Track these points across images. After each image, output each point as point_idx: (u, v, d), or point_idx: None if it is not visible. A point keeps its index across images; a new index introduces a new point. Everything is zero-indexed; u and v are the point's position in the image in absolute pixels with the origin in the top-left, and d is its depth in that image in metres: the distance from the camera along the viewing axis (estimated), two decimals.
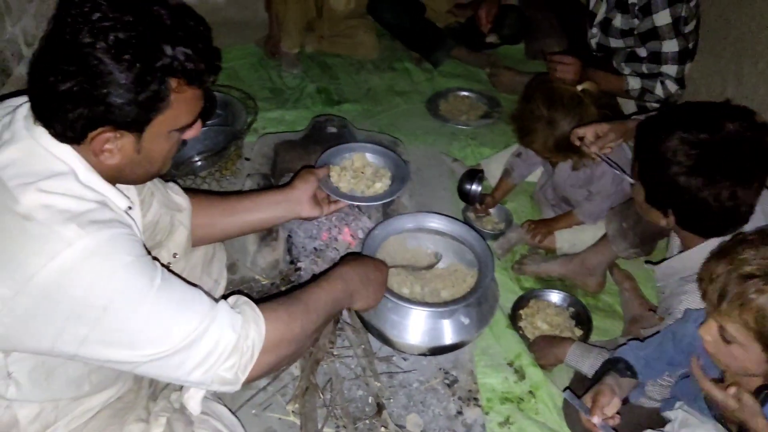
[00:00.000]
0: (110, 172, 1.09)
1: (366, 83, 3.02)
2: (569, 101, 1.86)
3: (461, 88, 2.94)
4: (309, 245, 2.07)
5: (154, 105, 1.02)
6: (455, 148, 2.58)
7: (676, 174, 1.33)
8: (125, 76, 0.96)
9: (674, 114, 1.44)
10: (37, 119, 1.03)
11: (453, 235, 1.85)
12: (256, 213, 1.55)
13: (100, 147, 1.03)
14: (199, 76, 1.04)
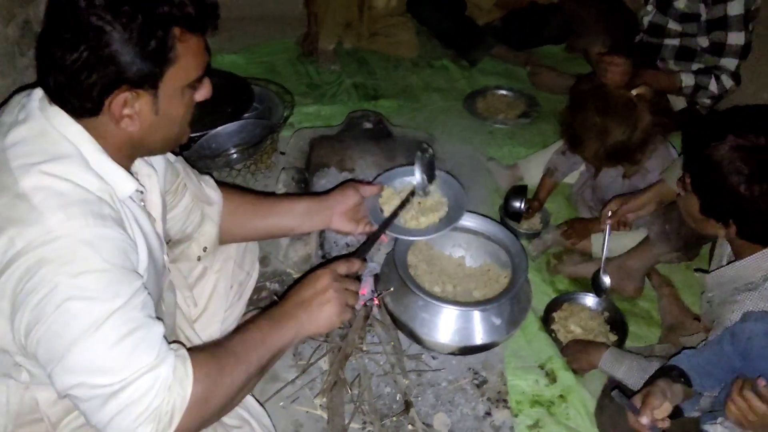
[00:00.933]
0: (130, 144, 1.08)
1: (403, 80, 3.01)
2: (623, 108, 1.81)
3: (499, 86, 2.90)
4: (341, 240, 2.06)
5: (164, 56, 1.00)
6: (492, 147, 2.55)
7: (737, 183, 1.26)
8: (128, 30, 0.96)
9: (721, 119, 1.38)
10: (52, 99, 1.03)
11: (486, 234, 1.83)
12: (288, 219, 1.53)
13: (119, 112, 1.02)
14: (200, 22, 1.04)
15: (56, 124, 1.03)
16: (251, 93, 2.40)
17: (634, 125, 1.80)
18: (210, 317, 1.54)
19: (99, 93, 0.99)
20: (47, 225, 0.94)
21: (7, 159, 0.99)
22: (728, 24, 2.16)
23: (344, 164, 2.29)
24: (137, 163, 1.19)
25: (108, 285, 0.97)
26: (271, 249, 2.00)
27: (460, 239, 1.90)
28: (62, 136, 1.03)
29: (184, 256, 1.49)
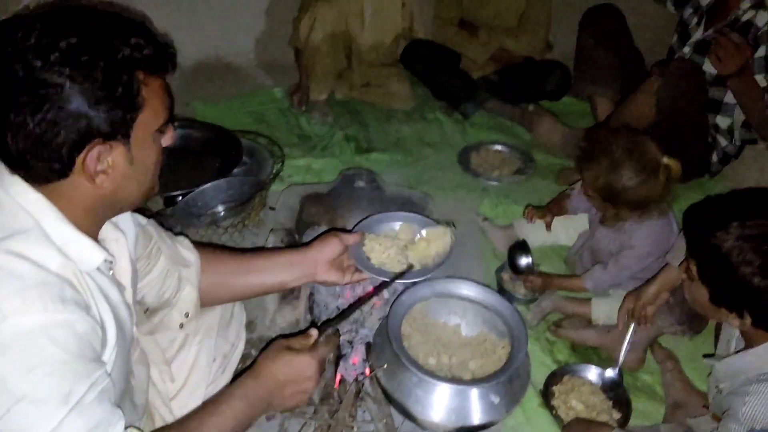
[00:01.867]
0: (102, 202, 1.03)
1: (396, 132, 2.96)
2: (648, 164, 1.76)
3: (494, 141, 2.86)
4: (332, 304, 1.98)
5: (132, 101, 0.97)
6: (486, 205, 2.49)
7: (749, 275, 1.21)
8: (92, 80, 0.91)
9: (721, 205, 1.33)
10: (12, 168, 0.96)
11: (483, 303, 1.76)
12: (270, 275, 1.47)
13: (94, 167, 0.96)
14: (161, 63, 1.01)
15: (12, 194, 0.97)
16: (240, 147, 2.34)
17: (645, 185, 1.77)
18: (189, 394, 1.44)
19: (69, 151, 0.94)
20: (2, 312, 0.87)
21: None
22: None
23: (335, 223, 2.22)
24: (105, 227, 1.12)
25: (63, 380, 0.91)
26: (258, 313, 1.92)
27: (455, 306, 1.83)
28: (19, 206, 0.96)
29: (164, 325, 1.40)
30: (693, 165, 2.27)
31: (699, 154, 2.36)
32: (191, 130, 2.45)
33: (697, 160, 2.36)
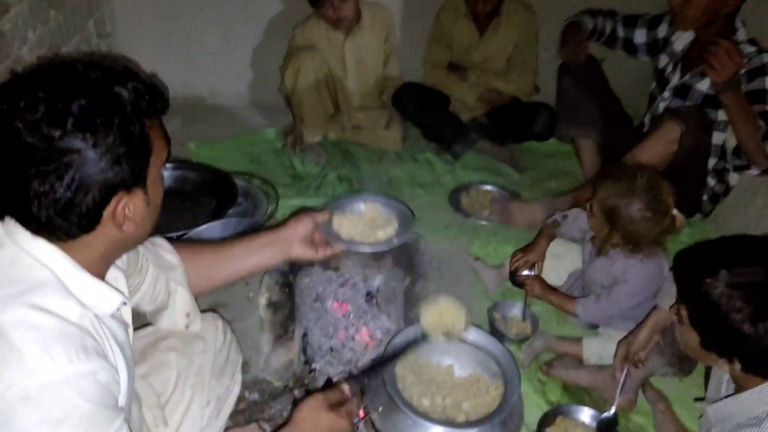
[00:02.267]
0: (120, 245, 1.07)
1: (387, 173, 3.00)
2: (659, 206, 1.80)
3: (484, 181, 2.91)
4: (325, 345, 1.99)
5: (146, 149, 1.01)
6: (477, 245, 2.52)
7: (739, 322, 1.23)
8: (109, 140, 0.94)
9: (710, 252, 1.35)
10: (37, 231, 0.98)
11: (476, 344, 1.78)
12: (249, 258, 1.51)
13: (122, 216, 1.00)
14: (159, 106, 1.04)
15: (29, 249, 0.98)
16: (235, 188, 2.37)
17: (648, 219, 1.80)
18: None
19: (96, 208, 0.97)
20: (30, 365, 0.89)
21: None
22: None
23: (328, 263, 2.23)
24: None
25: (94, 427, 0.94)
26: (252, 354, 1.92)
27: (448, 347, 1.84)
28: (36, 261, 0.98)
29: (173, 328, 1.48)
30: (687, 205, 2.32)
31: (693, 195, 2.42)
32: (186, 171, 2.48)
33: (691, 200, 2.41)
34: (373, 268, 2.22)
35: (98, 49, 2.93)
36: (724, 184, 2.40)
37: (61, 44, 2.50)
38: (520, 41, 2.95)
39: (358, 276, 2.20)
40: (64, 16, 2.52)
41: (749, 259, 1.26)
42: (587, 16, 2.68)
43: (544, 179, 2.98)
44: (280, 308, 1.94)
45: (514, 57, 3.00)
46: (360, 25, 2.91)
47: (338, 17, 2.80)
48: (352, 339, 2.01)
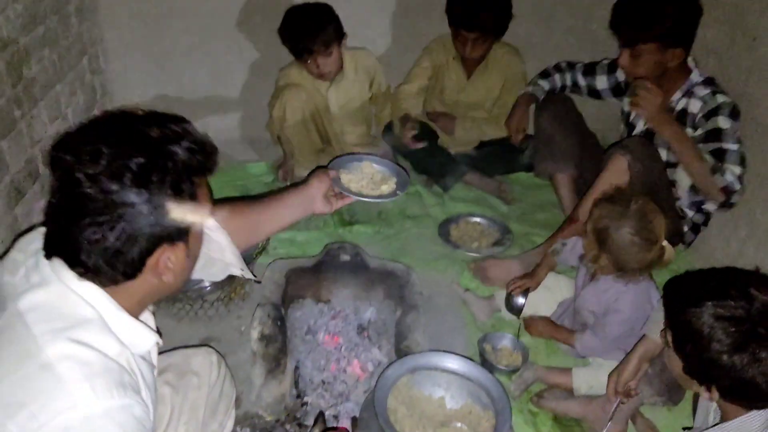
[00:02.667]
0: (157, 292, 1.12)
1: (377, 205, 3.03)
2: (649, 235, 1.83)
3: (472, 213, 2.95)
4: (317, 377, 2.00)
5: (191, 203, 1.07)
6: (466, 276, 2.55)
7: (718, 352, 1.27)
8: (161, 195, 1.00)
9: (698, 282, 1.39)
10: (84, 275, 1.03)
11: (466, 375, 1.80)
12: (283, 216, 1.63)
13: (164, 266, 1.06)
14: (210, 165, 1.10)
15: (75, 288, 1.03)
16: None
17: (639, 247, 1.83)
18: None
19: (141, 258, 1.03)
20: (73, 397, 0.94)
21: (27, 324, 0.99)
22: (722, 136, 2.19)
23: (320, 296, 2.26)
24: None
25: None
26: (244, 388, 1.93)
27: (439, 379, 1.86)
28: (81, 299, 1.03)
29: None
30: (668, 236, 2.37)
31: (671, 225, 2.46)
32: None
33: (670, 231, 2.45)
34: (364, 301, 2.25)
35: (92, 86, 2.96)
36: (703, 214, 2.45)
37: (56, 81, 2.53)
38: (508, 83, 2.99)
39: (350, 308, 2.22)
40: (58, 54, 2.56)
41: (734, 294, 1.29)
42: (543, 79, 2.81)
43: (532, 211, 3.02)
44: (272, 341, 1.95)
45: (502, 98, 3.03)
46: (343, 73, 2.94)
47: (321, 72, 2.85)
48: (344, 371, 2.03)
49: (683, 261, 2.58)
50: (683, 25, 2.22)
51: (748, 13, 2.35)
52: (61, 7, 2.59)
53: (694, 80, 2.30)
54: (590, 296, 2.03)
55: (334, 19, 2.80)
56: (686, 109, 2.30)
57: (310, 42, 2.74)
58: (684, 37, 2.25)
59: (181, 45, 3.16)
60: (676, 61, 2.27)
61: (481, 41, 2.82)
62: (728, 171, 2.18)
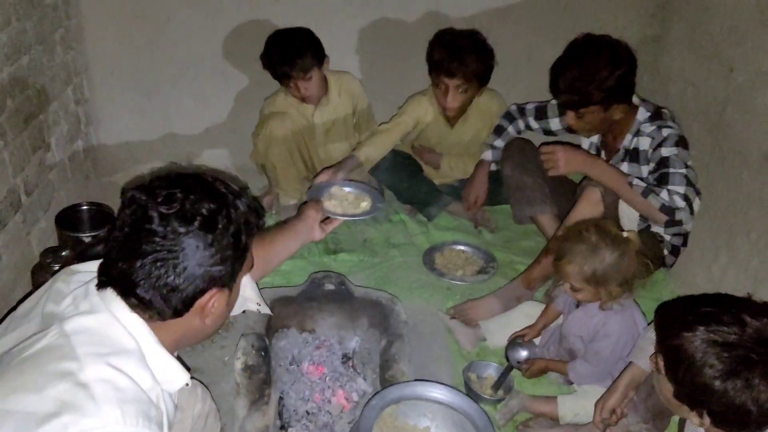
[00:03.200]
0: (193, 335, 1.19)
1: (362, 234, 3.04)
2: (617, 237, 1.86)
3: (457, 242, 2.96)
4: (301, 408, 1.99)
5: (244, 256, 1.17)
6: (451, 304, 2.55)
7: (711, 377, 1.27)
8: (226, 240, 1.09)
9: (690, 307, 1.39)
10: (134, 308, 1.10)
11: (452, 405, 1.80)
12: (289, 247, 1.80)
13: (211, 308, 1.13)
14: (261, 223, 1.22)
15: (121, 318, 1.09)
16: None
17: (621, 259, 1.85)
18: None
19: (193, 298, 1.11)
20: (104, 418, 0.98)
21: (72, 345, 1.03)
22: (668, 163, 2.25)
23: (305, 325, 2.25)
24: None
25: None
26: (227, 420, 1.90)
27: (425, 409, 1.86)
28: (125, 330, 1.09)
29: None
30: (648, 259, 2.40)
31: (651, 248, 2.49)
32: None
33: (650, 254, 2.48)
34: (349, 330, 2.24)
35: (76, 115, 2.96)
36: (681, 236, 2.49)
37: (39, 112, 2.53)
38: (491, 126, 2.97)
39: (334, 338, 2.21)
40: (42, 84, 2.56)
41: (727, 319, 1.31)
42: (498, 137, 2.86)
43: (516, 239, 3.04)
44: (256, 372, 1.94)
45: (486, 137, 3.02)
46: (328, 97, 2.96)
47: (303, 96, 2.86)
48: (329, 402, 2.02)
49: (665, 287, 2.61)
50: (621, 85, 2.28)
51: (725, 44, 2.41)
52: (46, 36, 2.60)
53: (641, 119, 2.37)
54: (577, 322, 2.04)
55: (313, 43, 2.82)
56: (638, 148, 2.37)
57: (288, 68, 2.77)
58: (624, 94, 2.32)
59: (166, 74, 3.18)
60: (620, 114, 2.35)
61: (463, 89, 2.80)
62: (665, 191, 2.23)
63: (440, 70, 2.77)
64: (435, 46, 2.80)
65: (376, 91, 3.20)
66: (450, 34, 2.81)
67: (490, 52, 2.80)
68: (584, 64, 2.26)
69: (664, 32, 3.01)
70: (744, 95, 2.27)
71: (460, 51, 2.71)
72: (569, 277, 1.91)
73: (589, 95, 2.26)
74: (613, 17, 3.14)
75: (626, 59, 2.28)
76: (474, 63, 2.74)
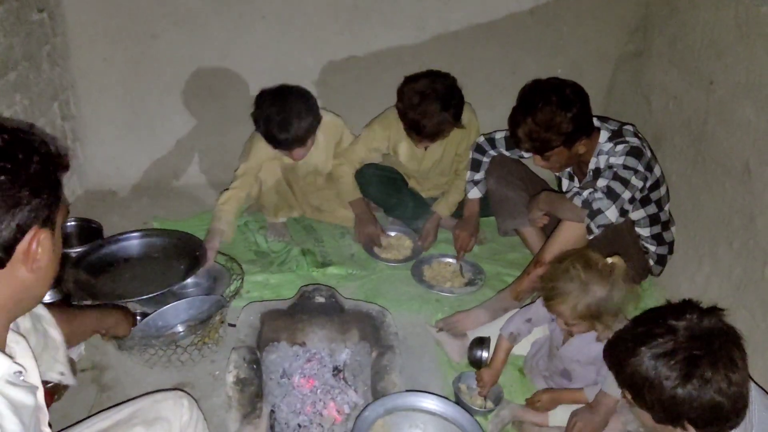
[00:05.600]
0: (20, 298, 1.04)
1: (350, 247, 3.05)
2: (603, 268, 1.87)
3: (445, 254, 2.98)
4: (293, 421, 1.98)
5: (58, 190, 1.04)
6: (440, 316, 2.56)
7: (672, 388, 1.31)
8: (32, 171, 0.97)
9: (627, 335, 1.44)
10: None
11: (443, 415, 1.80)
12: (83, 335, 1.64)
13: (36, 253, 1.00)
14: (65, 161, 1.08)
15: None
16: (203, 247, 2.40)
17: (611, 287, 1.85)
18: None
19: (10, 242, 0.97)
20: None
21: None
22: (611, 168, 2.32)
23: (295, 338, 2.25)
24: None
25: None
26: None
27: (417, 419, 1.86)
28: None
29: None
30: (635, 271, 2.43)
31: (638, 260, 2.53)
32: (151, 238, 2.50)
33: (637, 266, 2.52)
34: (339, 342, 2.24)
35: (62, 131, 2.96)
36: (666, 245, 2.53)
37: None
38: (465, 142, 2.96)
39: (325, 351, 2.21)
40: (29, 100, 2.56)
41: (658, 331, 1.36)
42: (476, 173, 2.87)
43: (503, 251, 3.06)
44: (248, 385, 1.93)
45: (462, 156, 3.02)
46: (315, 144, 2.89)
47: (295, 159, 2.84)
48: (320, 414, 2.01)
49: (650, 296, 2.65)
50: (577, 125, 2.32)
51: (704, 58, 2.47)
52: (33, 53, 2.61)
53: (602, 140, 2.42)
54: (574, 350, 2.05)
55: (311, 112, 2.72)
56: (599, 167, 2.42)
57: (285, 141, 2.69)
58: (583, 130, 2.36)
59: (153, 91, 3.18)
60: (583, 148, 2.40)
61: (432, 140, 2.79)
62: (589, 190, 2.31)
63: (411, 130, 2.74)
64: (405, 106, 2.71)
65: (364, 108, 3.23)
66: (418, 93, 2.67)
67: (458, 103, 2.73)
68: (537, 115, 2.29)
69: (645, 47, 3.07)
70: (724, 107, 2.32)
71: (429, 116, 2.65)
72: (563, 316, 1.92)
73: (549, 142, 2.32)
74: (596, 33, 3.20)
75: (576, 100, 2.31)
76: (443, 122, 2.69)
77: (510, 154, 2.81)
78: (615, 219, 2.31)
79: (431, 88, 2.66)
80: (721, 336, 1.34)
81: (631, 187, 2.30)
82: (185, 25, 3.04)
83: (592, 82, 3.19)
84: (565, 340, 2.06)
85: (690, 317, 1.36)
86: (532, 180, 2.89)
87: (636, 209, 2.44)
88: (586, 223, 2.32)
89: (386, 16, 3.12)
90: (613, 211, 2.29)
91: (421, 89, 2.66)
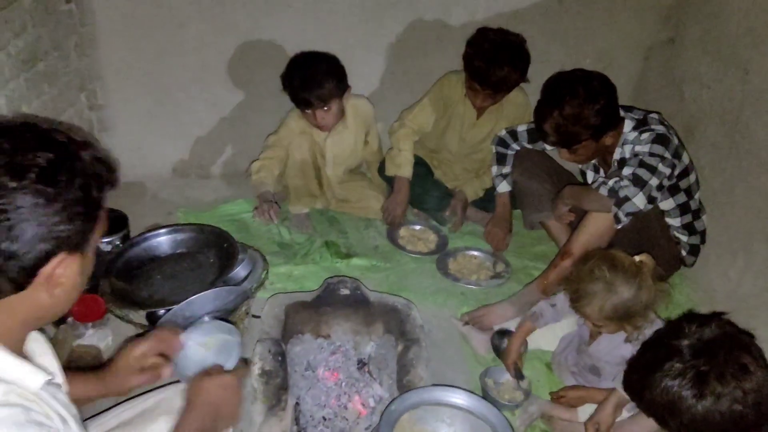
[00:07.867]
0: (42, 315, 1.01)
1: (374, 239, 3.03)
2: (630, 267, 1.83)
3: (470, 247, 2.95)
4: (317, 413, 1.97)
5: (96, 214, 0.99)
6: (466, 309, 2.53)
7: (690, 408, 1.31)
8: (71, 196, 0.93)
9: (639, 364, 1.46)
10: None
11: (470, 410, 1.78)
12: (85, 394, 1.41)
13: (59, 278, 0.96)
14: (113, 178, 1.02)
15: None
16: (232, 240, 2.38)
17: (639, 286, 1.81)
18: None
19: (34, 267, 0.93)
20: None
21: None
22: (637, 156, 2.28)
23: (320, 330, 2.24)
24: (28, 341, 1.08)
25: None
26: (244, 425, 1.88)
27: (443, 414, 1.85)
28: None
29: None
30: (666, 262, 2.38)
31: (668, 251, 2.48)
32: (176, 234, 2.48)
33: (668, 257, 2.47)
34: (364, 335, 2.23)
35: (90, 121, 2.97)
36: (698, 234, 2.48)
37: (54, 117, 2.54)
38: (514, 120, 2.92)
39: (350, 343, 2.20)
40: (58, 90, 2.57)
41: (665, 355, 1.37)
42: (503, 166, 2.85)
43: (529, 244, 3.02)
44: (273, 377, 1.93)
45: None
46: (344, 123, 2.92)
47: (318, 125, 2.83)
48: (345, 408, 2.00)
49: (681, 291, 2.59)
50: (605, 118, 2.28)
51: (740, 46, 2.40)
52: (61, 43, 2.62)
53: (627, 131, 2.36)
54: (603, 349, 2.02)
55: (336, 73, 2.75)
56: (624, 157, 2.37)
57: (307, 98, 2.71)
58: (610, 122, 2.31)
59: (178, 81, 3.18)
60: (611, 139, 2.35)
61: (492, 95, 2.79)
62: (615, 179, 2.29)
63: (474, 78, 2.74)
64: (474, 52, 2.72)
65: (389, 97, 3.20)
66: (489, 42, 2.69)
67: (526, 61, 2.72)
68: (564, 108, 2.25)
69: (678, 35, 3.00)
70: (760, 97, 2.26)
71: (497, 64, 2.65)
72: (590, 318, 1.89)
73: (577, 135, 2.28)
74: (627, 21, 3.13)
75: (603, 91, 2.27)
76: (508, 80, 2.70)
77: (532, 147, 2.76)
78: (643, 206, 2.26)
79: (504, 39, 2.70)
80: (725, 345, 1.35)
81: (659, 174, 2.25)
82: (211, 18, 3.03)
83: (622, 71, 3.14)
84: (593, 338, 2.03)
85: (690, 332, 1.38)
86: (558, 172, 2.84)
87: (665, 198, 2.39)
88: (614, 212, 2.27)
89: (412, 4, 3.08)
90: (641, 198, 2.24)
91: (493, 38, 2.70)
